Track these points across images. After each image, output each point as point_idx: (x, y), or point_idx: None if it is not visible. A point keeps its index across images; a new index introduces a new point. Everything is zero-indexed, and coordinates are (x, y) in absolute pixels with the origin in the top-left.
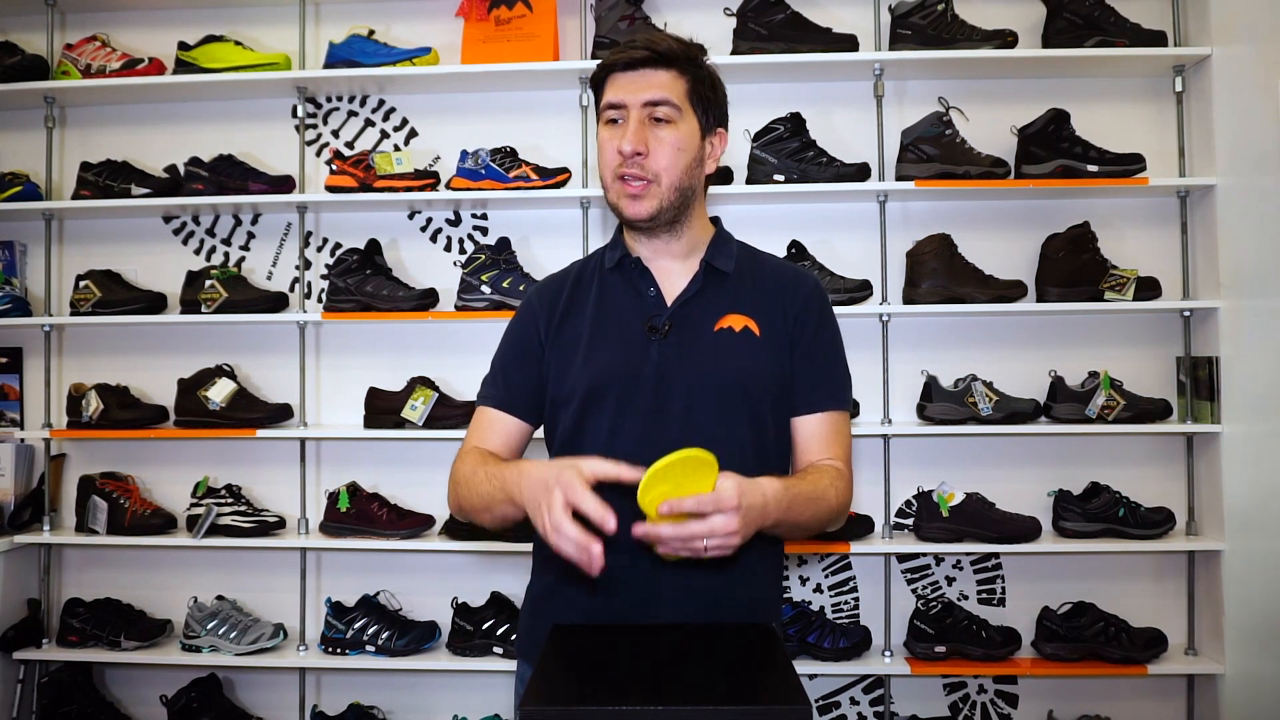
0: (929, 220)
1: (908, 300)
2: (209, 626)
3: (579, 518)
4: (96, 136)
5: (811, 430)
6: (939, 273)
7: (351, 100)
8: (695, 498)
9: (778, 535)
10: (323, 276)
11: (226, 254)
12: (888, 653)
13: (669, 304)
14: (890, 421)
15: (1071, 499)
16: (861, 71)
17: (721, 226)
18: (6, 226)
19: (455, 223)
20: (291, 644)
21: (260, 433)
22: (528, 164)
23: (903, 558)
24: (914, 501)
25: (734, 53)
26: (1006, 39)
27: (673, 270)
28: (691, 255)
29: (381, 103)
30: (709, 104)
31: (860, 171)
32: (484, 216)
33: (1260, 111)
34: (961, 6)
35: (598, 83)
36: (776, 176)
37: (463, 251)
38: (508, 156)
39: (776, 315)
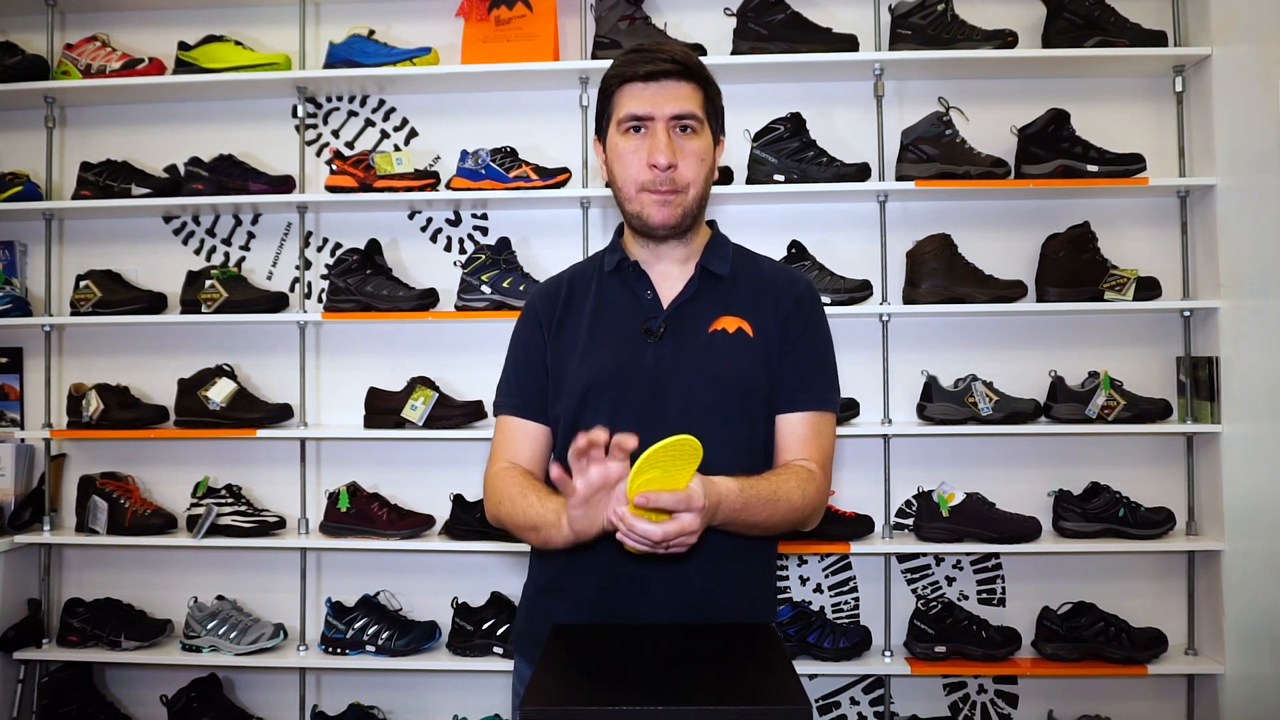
0: (929, 220)
1: (908, 300)
2: (209, 626)
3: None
4: (96, 136)
5: (791, 429)
6: (939, 273)
7: (351, 100)
8: (672, 494)
9: (737, 532)
10: (323, 276)
11: (226, 254)
12: (888, 653)
13: (665, 307)
14: (890, 421)
15: (1071, 499)
16: (861, 71)
17: (717, 229)
18: (6, 226)
19: (455, 223)
20: (291, 644)
21: (260, 433)
22: (528, 164)
23: (903, 558)
24: (914, 501)
25: (734, 53)
26: (1006, 39)
27: (670, 273)
28: (689, 259)
29: (381, 103)
30: (718, 114)
31: (860, 171)
32: (484, 216)
33: (1260, 111)
34: (961, 6)
35: (608, 90)
36: (776, 176)
37: (463, 251)
38: (508, 156)
39: (769, 316)
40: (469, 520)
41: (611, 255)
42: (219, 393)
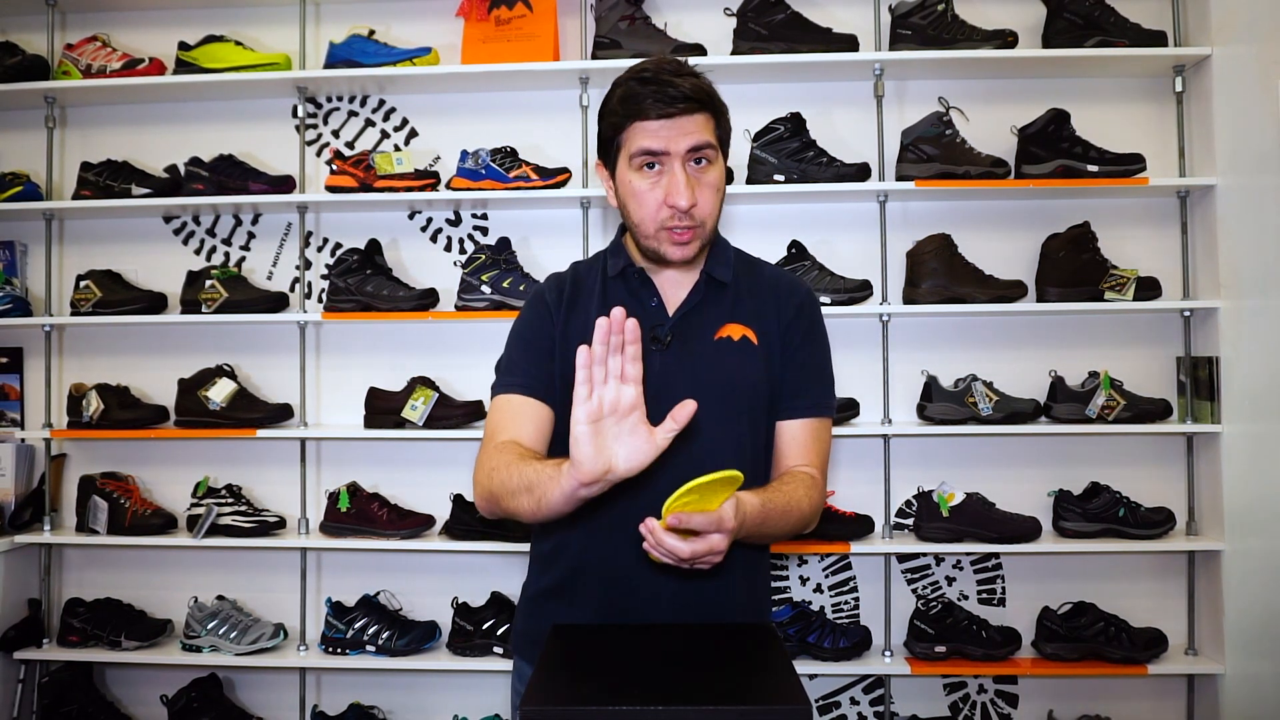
0: (929, 220)
1: (908, 300)
2: (209, 626)
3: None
4: (97, 136)
5: (791, 436)
6: (939, 273)
7: (352, 100)
8: (704, 515)
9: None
10: (323, 276)
11: (227, 254)
12: (888, 653)
13: (670, 314)
14: (890, 421)
15: (1071, 499)
16: (861, 71)
17: (718, 234)
18: (7, 226)
19: (455, 223)
20: (292, 644)
21: (260, 433)
22: (528, 164)
23: (903, 558)
24: (914, 501)
25: (734, 53)
26: (1006, 39)
27: (675, 280)
28: (693, 266)
29: (382, 103)
30: (728, 133)
31: (860, 171)
32: (484, 216)
33: (1260, 111)
34: (961, 6)
35: (618, 125)
36: (777, 176)
37: (463, 251)
38: (508, 156)
39: (772, 323)
40: (469, 520)
41: (614, 260)
42: (219, 393)
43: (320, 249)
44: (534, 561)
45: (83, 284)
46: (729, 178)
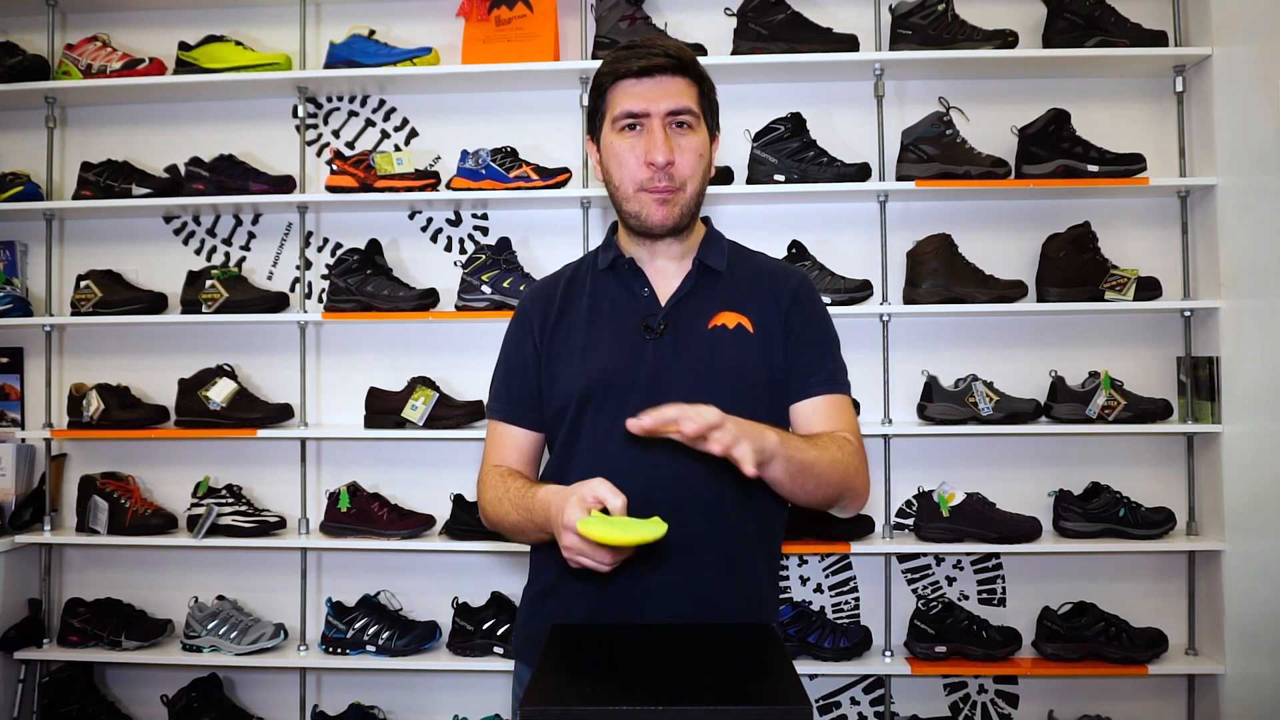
0: (929, 220)
1: (908, 300)
2: (209, 626)
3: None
4: (97, 136)
5: (813, 411)
6: (939, 273)
7: (352, 100)
8: (677, 408)
9: (794, 495)
10: (323, 276)
11: (227, 254)
12: (888, 653)
13: (663, 303)
14: (890, 421)
15: (1072, 499)
16: (862, 71)
17: (712, 225)
18: (7, 226)
19: (455, 223)
20: (292, 644)
21: (261, 433)
22: (528, 164)
23: (903, 558)
24: (914, 501)
25: (734, 53)
26: (1007, 39)
27: (666, 270)
28: (685, 255)
29: (382, 103)
30: (714, 110)
31: (860, 171)
32: (484, 216)
33: (1260, 111)
34: (961, 6)
35: (601, 87)
36: (777, 176)
37: (463, 251)
38: (508, 156)
39: (769, 310)
40: (469, 520)
41: (605, 253)
42: (219, 393)
43: (320, 249)
44: (532, 564)
45: (83, 284)
46: (728, 177)
